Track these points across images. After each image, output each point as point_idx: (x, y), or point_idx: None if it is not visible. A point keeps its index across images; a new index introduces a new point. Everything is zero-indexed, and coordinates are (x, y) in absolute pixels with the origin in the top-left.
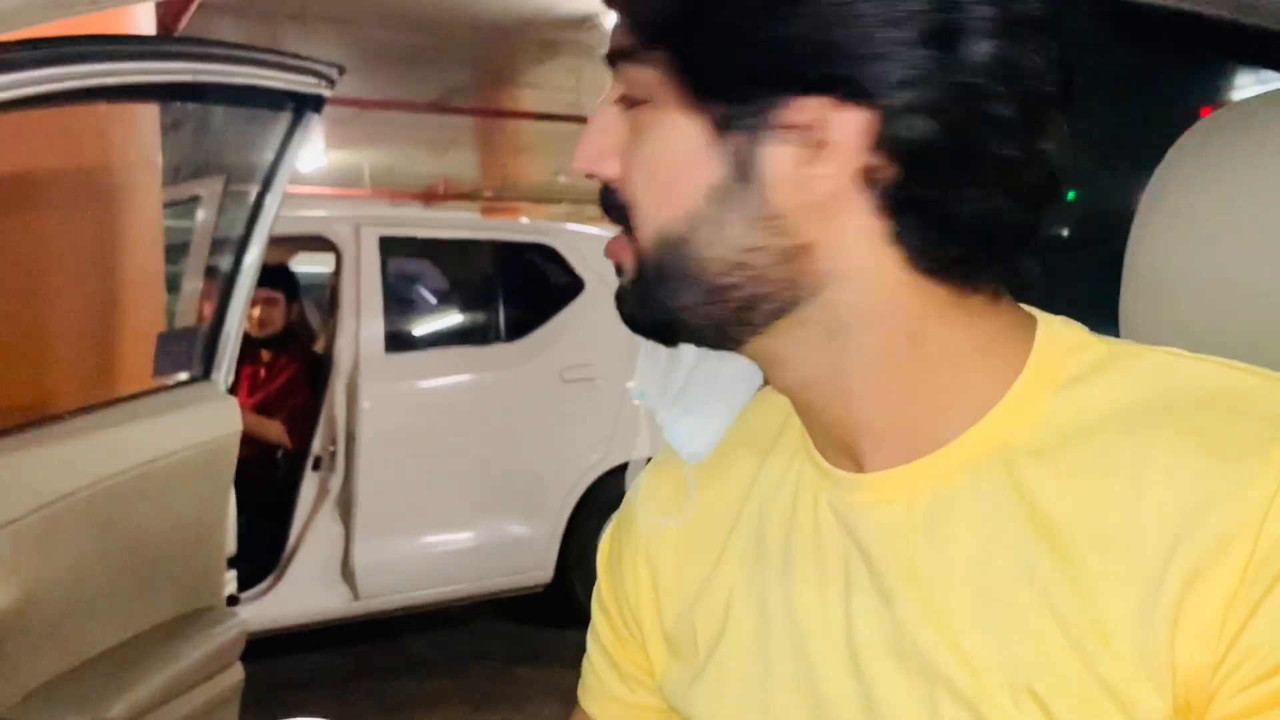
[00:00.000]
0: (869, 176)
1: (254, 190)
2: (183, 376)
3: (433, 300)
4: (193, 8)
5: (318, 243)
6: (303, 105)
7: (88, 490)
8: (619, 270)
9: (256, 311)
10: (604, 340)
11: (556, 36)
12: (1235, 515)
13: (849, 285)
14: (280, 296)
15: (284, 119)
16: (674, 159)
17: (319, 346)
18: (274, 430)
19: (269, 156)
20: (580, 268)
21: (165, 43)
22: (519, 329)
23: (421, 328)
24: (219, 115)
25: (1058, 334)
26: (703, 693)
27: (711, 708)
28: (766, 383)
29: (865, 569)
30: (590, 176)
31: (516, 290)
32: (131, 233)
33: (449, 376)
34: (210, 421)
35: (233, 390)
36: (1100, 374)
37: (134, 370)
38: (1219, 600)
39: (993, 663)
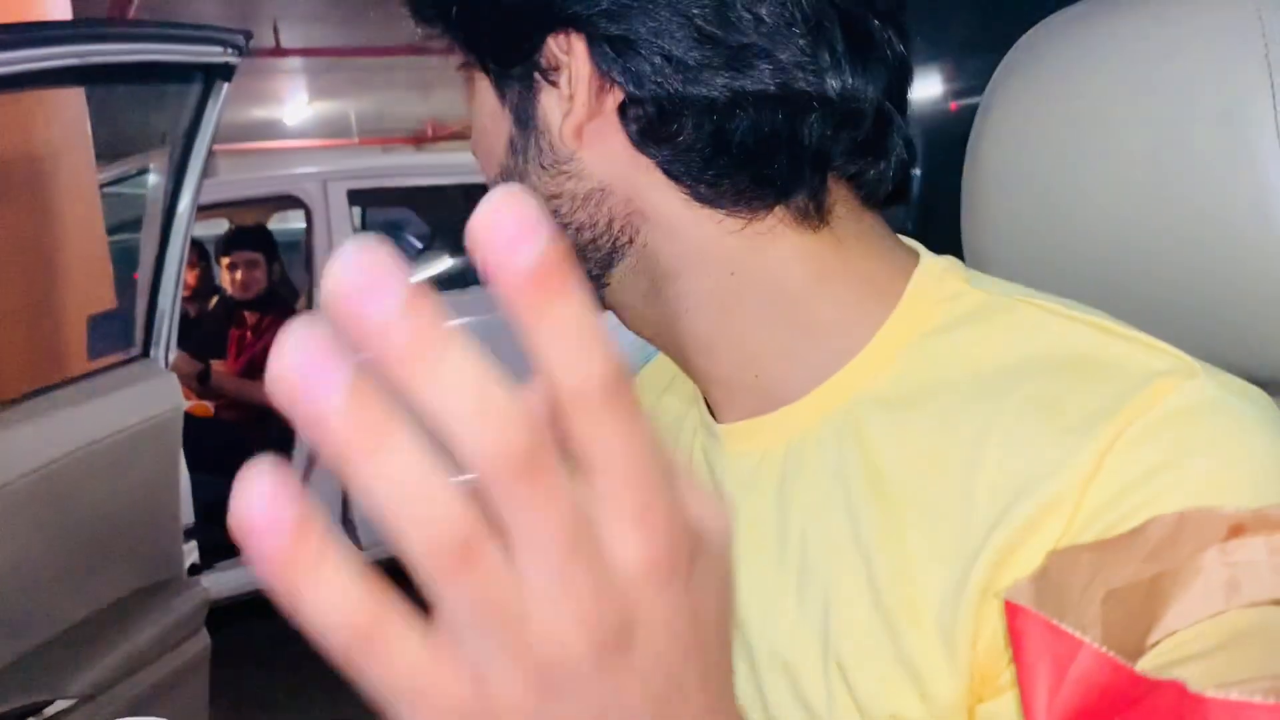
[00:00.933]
0: (623, 111)
1: (175, 163)
2: (120, 356)
3: (418, 246)
4: None
5: (289, 201)
6: (212, 75)
7: (30, 476)
8: None
9: (238, 274)
10: None
11: None
12: (1055, 486)
13: (654, 228)
14: (260, 257)
15: (196, 91)
16: (481, 119)
17: (300, 305)
18: (259, 391)
19: (184, 129)
20: None
21: (53, 28)
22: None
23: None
24: (140, 92)
25: (933, 279)
26: None
27: None
28: None
29: None
30: None
31: None
32: (67, 215)
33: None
34: (149, 399)
35: (220, 354)
36: (965, 327)
37: (80, 353)
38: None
39: (811, 631)
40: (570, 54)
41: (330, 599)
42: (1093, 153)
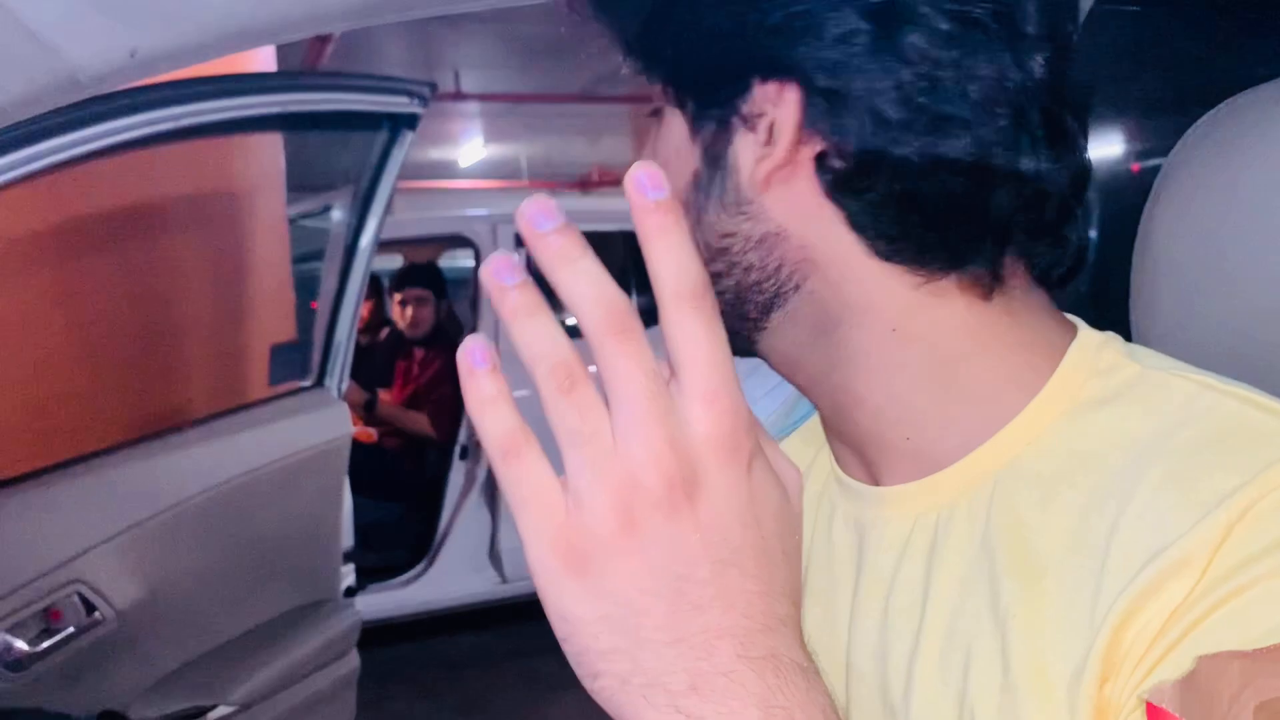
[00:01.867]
0: (820, 161)
1: (359, 202)
2: (297, 384)
3: None
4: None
5: (460, 240)
6: (399, 123)
7: (208, 494)
8: None
9: (408, 311)
10: None
11: None
12: (1182, 550)
13: (824, 275)
14: (429, 295)
15: (383, 136)
16: (668, 154)
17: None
18: (418, 421)
19: (369, 174)
20: None
21: (255, 79)
22: (652, 317)
23: (559, 319)
24: (332, 139)
25: (1090, 352)
26: None
27: None
28: None
29: (868, 588)
30: None
31: (648, 279)
32: (257, 250)
33: (588, 366)
34: (322, 425)
35: (386, 384)
36: (1119, 401)
37: (261, 380)
38: (1147, 635)
39: (951, 698)
40: (778, 103)
41: (497, 417)
42: (1276, 234)
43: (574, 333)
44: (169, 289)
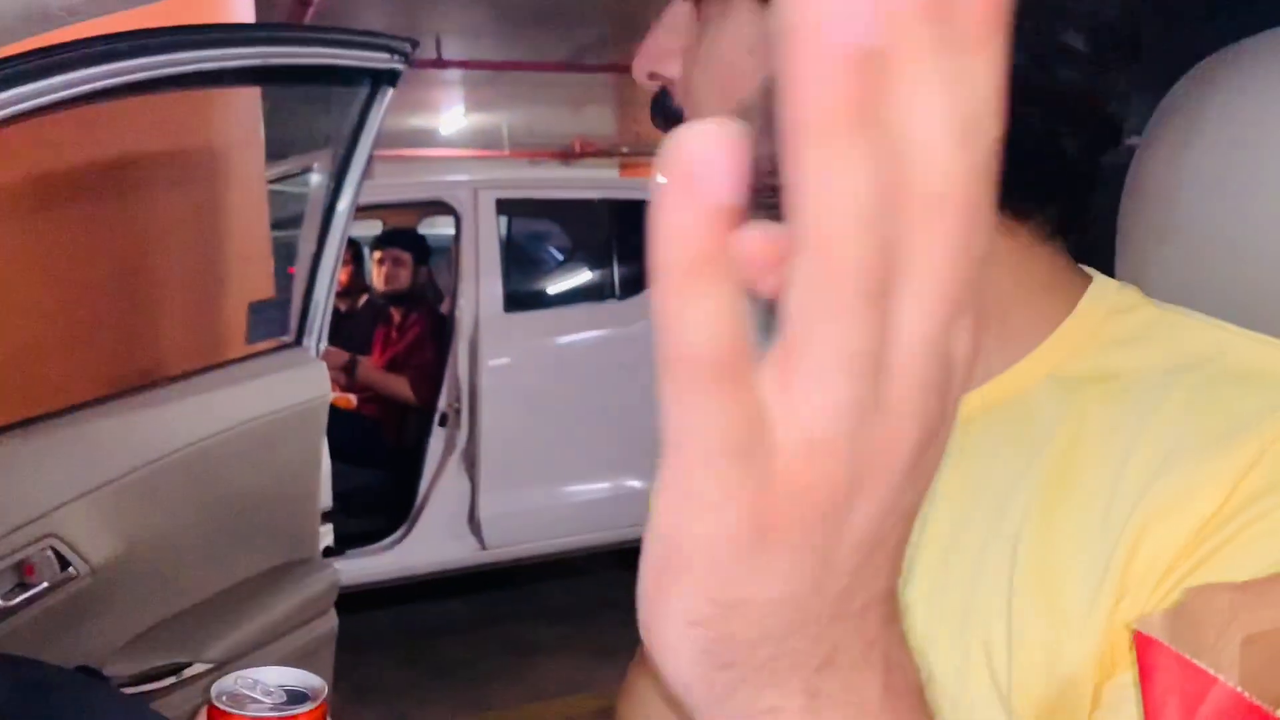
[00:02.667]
0: None
1: (337, 164)
2: (275, 342)
3: (559, 257)
4: None
5: (441, 206)
6: (379, 80)
7: (185, 450)
8: None
9: (384, 269)
10: None
11: None
12: (1214, 466)
13: None
14: (407, 256)
15: (361, 95)
16: (735, 49)
17: (445, 307)
18: (399, 385)
19: (348, 131)
20: None
21: (234, 30)
22: (634, 286)
23: (539, 287)
24: (309, 95)
25: (1110, 291)
26: None
27: None
28: None
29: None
30: (653, 78)
31: (631, 247)
32: (235, 207)
33: (566, 334)
34: (300, 384)
35: (366, 350)
36: (1143, 334)
37: (239, 337)
38: (1174, 545)
39: (954, 603)
40: None
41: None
42: (1262, 196)
43: (559, 299)
44: (146, 244)
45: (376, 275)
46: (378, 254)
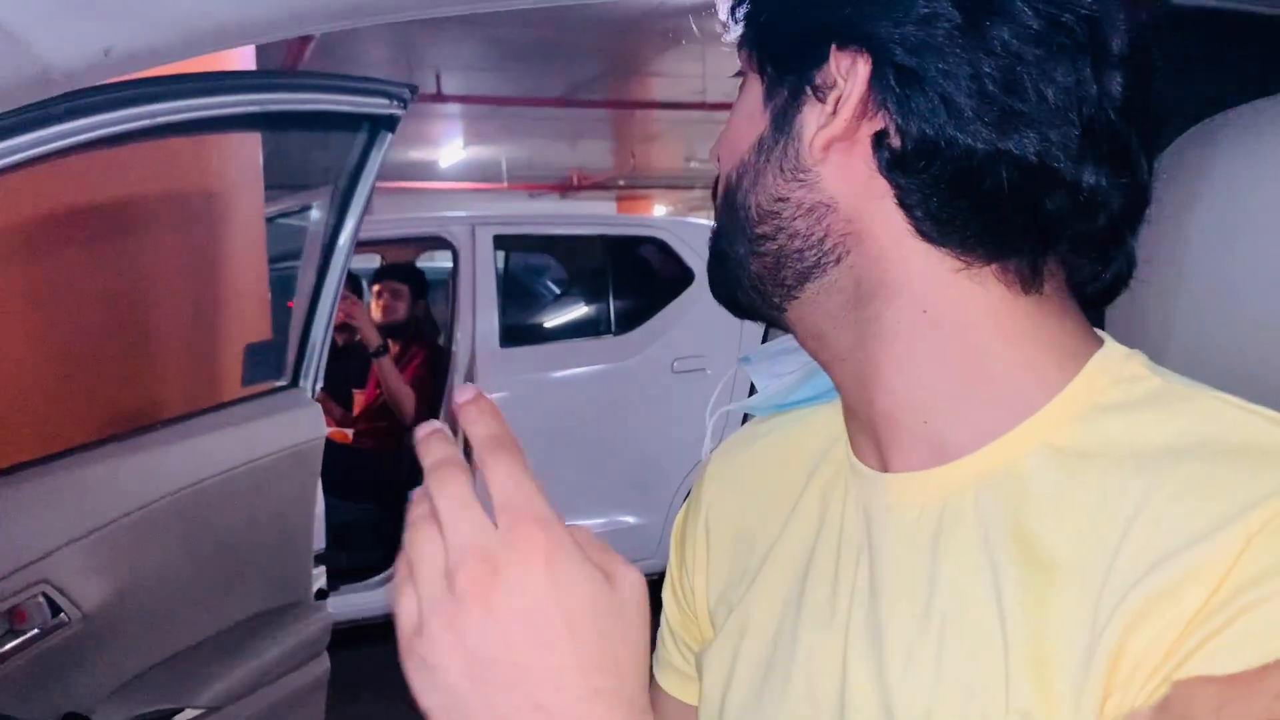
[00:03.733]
0: (879, 138)
1: (338, 202)
2: (271, 385)
3: (556, 291)
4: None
5: (438, 242)
6: (378, 125)
7: (178, 495)
8: None
9: (383, 301)
10: (713, 331)
11: (679, 25)
12: (1201, 556)
13: (866, 250)
14: (404, 289)
15: (362, 137)
16: (741, 118)
17: (441, 340)
18: (407, 399)
19: (349, 171)
20: (690, 259)
21: (234, 78)
22: (630, 321)
23: (536, 321)
24: (311, 139)
25: (1113, 361)
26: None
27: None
28: None
29: (869, 577)
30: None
31: (627, 283)
32: (234, 250)
33: (562, 369)
34: (295, 426)
35: (362, 383)
36: (1142, 409)
37: (234, 380)
38: (1163, 643)
39: (954, 684)
40: (850, 75)
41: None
42: (1258, 253)
43: (555, 334)
44: (143, 288)
45: (374, 307)
46: (376, 286)
